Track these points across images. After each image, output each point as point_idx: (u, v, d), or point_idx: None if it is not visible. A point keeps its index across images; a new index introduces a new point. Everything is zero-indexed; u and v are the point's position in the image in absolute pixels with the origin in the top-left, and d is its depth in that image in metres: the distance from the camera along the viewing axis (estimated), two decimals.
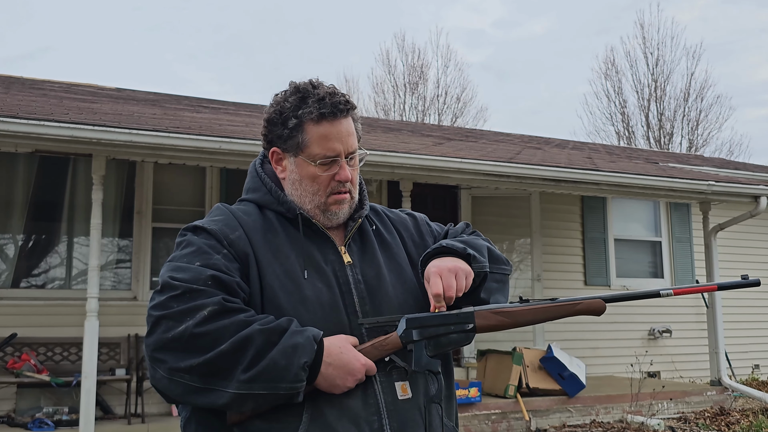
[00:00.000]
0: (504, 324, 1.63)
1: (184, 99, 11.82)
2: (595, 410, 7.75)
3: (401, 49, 29.94)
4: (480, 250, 1.73)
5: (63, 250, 7.86)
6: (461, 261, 1.66)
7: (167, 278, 1.52)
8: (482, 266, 1.70)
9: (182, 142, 6.25)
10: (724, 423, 7.72)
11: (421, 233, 1.88)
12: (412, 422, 1.58)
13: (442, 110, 28.61)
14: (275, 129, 1.72)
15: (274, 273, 1.60)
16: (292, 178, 1.72)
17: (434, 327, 1.59)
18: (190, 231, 1.65)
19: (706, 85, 27.24)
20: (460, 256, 1.67)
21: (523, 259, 10.12)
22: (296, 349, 1.46)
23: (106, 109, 7.98)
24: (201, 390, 1.45)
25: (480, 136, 13.28)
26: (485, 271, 1.71)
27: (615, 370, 9.74)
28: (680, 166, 11.67)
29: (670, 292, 1.65)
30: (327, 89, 1.70)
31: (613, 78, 28.15)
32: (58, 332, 7.26)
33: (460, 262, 1.65)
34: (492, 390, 7.58)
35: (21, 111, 6.31)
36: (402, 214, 1.93)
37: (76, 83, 11.39)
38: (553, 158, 9.27)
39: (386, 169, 7.15)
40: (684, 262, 11.04)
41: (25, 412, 6.92)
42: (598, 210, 10.54)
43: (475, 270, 1.68)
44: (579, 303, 1.66)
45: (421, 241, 1.86)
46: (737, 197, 9.03)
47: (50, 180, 7.79)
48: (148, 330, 1.48)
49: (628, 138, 27.61)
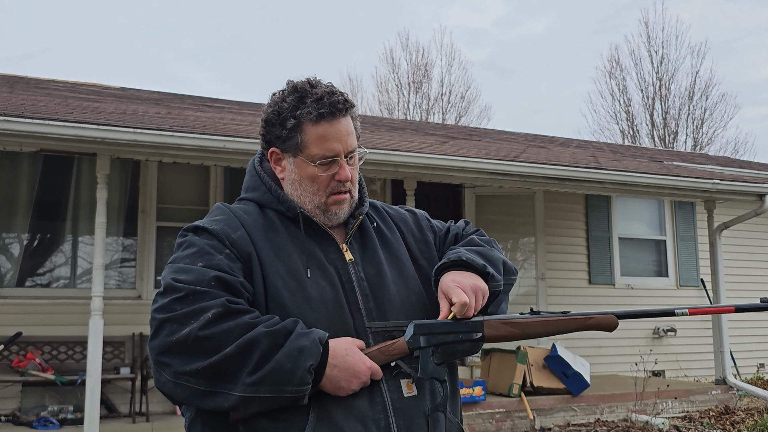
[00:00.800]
0: (513, 335, 1.60)
1: (188, 98, 11.84)
2: (600, 409, 7.74)
3: (405, 47, 29.94)
4: (497, 266, 1.72)
5: (67, 249, 7.87)
6: (480, 279, 1.64)
7: (170, 280, 1.51)
8: (497, 286, 1.69)
9: (186, 141, 6.25)
10: (729, 422, 7.70)
11: (422, 228, 1.87)
12: (418, 420, 1.58)
13: (446, 109, 28.60)
14: (273, 129, 1.70)
15: (277, 272, 1.59)
16: (291, 179, 1.71)
17: (442, 334, 1.57)
18: (191, 231, 1.64)
19: (711, 84, 27.17)
20: (478, 272, 1.65)
21: (527, 257, 10.11)
22: (302, 351, 1.46)
23: (110, 108, 7.99)
24: (207, 393, 1.44)
25: (484, 135, 13.27)
26: (500, 289, 1.70)
27: (619, 369, 9.72)
28: (685, 165, 11.64)
29: (685, 311, 1.60)
30: (325, 88, 1.68)
31: (617, 76, 28.12)
32: (63, 331, 7.28)
33: (479, 280, 1.63)
34: (496, 389, 7.57)
35: (26, 110, 6.32)
36: (402, 210, 1.92)
37: (80, 83, 11.41)
38: (557, 157, 9.26)
39: (390, 168, 7.14)
40: (688, 260, 11.01)
41: (29, 410, 6.94)
42: (602, 209, 10.52)
43: (492, 289, 1.67)
44: (591, 318, 1.63)
45: (422, 236, 1.85)
46: (742, 196, 9.01)
47: (55, 179, 7.80)
48: (152, 333, 1.47)
49: (633, 137, 27.56)
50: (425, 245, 1.83)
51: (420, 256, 1.80)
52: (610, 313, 1.63)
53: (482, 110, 32.03)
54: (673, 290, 10.86)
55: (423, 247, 1.82)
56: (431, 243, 1.84)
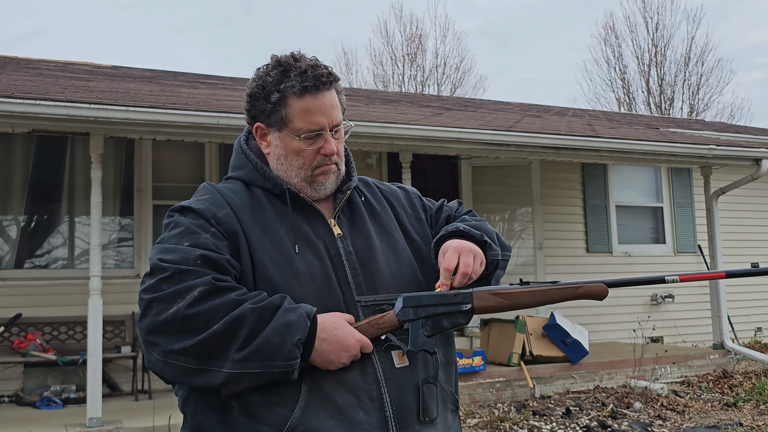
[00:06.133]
0: (502, 305, 1.61)
1: (181, 75, 11.75)
2: (599, 376, 7.80)
3: (399, 19, 29.76)
4: (492, 237, 1.73)
5: (65, 230, 7.87)
6: (477, 247, 1.65)
7: (156, 260, 1.51)
8: (496, 254, 1.70)
9: (180, 119, 6.22)
10: (727, 386, 7.77)
11: (414, 205, 1.87)
12: (410, 390, 1.58)
13: (441, 81, 28.46)
14: (258, 104, 1.70)
15: (264, 248, 1.59)
16: (277, 153, 1.70)
17: (432, 306, 1.58)
18: (177, 212, 1.65)
19: (707, 49, 27.11)
20: (476, 241, 1.67)
21: (524, 228, 10.13)
22: (289, 326, 1.46)
23: (102, 87, 7.93)
24: (196, 371, 1.45)
25: (479, 106, 13.21)
26: (497, 259, 1.71)
27: (618, 336, 9.79)
28: (681, 131, 11.61)
29: (676, 278, 1.61)
30: (309, 62, 1.67)
31: (612, 44, 27.99)
32: (63, 311, 7.31)
33: (477, 247, 1.65)
34: (496, 358, 7.62)
35: (17, 91, 6.27)
36: (393, 186, 1.92)
37: (71, 62, 11.32)
38: (553, 126, 9.23)
39: (385, 141, 7.12)
40: (685, 227, 11.04)
41: (32, 391, 6.99)
42: (598, 177, 10.51)
43: (489, 258, 1.68)
44: (580, 286, 1.63)
45: (414, 213, 1.85)
46: (738, 161, 9.00)
47: (49, 160, 7.78)
48: (141, 313, 1.48)
49: (629, 104, 27.48)
50: (417, 221, 1.83)
51: (412, 230, 1.80)
52: (599, 281, 1.63)
53: (477, 81, 31.96)
54: (671, 257, 10.90)
55: (415, 222, 1.82)
56: (423, 220, 1.85)
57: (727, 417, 6.52)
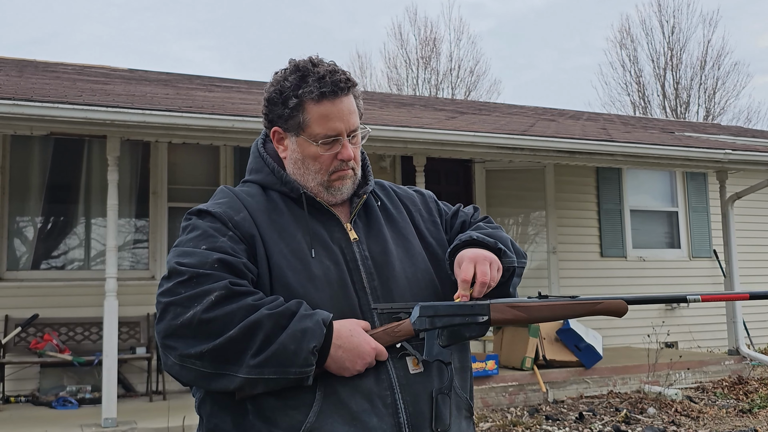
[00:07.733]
0: (520, 318, 1.60)
1: (196, 78, 11.83)
2: (612, 381, 7.77)
3: (413, 22, 29.73)
4: (506, 244, 1.72)
5: (81, 232, 7.94)
6: (492, 254, 1.65)
7: (174, 264, 1.52)
8: (511, 261, 1.69)
9: (195, 122, 6.26)
10: (742, 392, 7.72)
11: (430, 209, 1.87)
12: (424, 396, 1.58)
13: (455, 84, 28.43)
14: (276, 109, 1.70)
15: (281, 252, 1.59)
16: (294, 158, 1.71)
17: (448, 317, 1.58)
18: (195, 215, 1.65)
19: (723, 53, 26.93)
20: (491, 249, 1.66)
21: (538, 232, 10.10)
22: (305, 333, 1.46)
23: (119, 90, 8.00)
24: (212, 375, 1.46)
25: (493, 109, 13.20)
26: (514, 266, 1.70)
27: (632, 341, 9.74)
28: (696, 135, 11.55)
29: (698, 298, 1.58)
30: (327, 67, 1.67)
31: (628, 47, 27.88)
32: (79, 312, 7.37)
33: (492, 254, 1.64)
34: (509, 362, 7.61)
35: (35, 94, 6.34)
36: (410, 190, 1.92)
37: (88, 65, 11.42)
38: (568, 130, 9.21)
39: (399, 145, 7.13)
40: (701, 231, 10.97)
41: (48, 391, 7.05)
42: (613, 181, 10.47)
43: (505, 265, 1.67)
44: (599, 303, 1.60)
45: (430, 217, 1.85)
46: (755, 165, 8.94)
47: (66, 162, 7.85)
48: (158, 317, 1.49)
49: (644, 108, 27.35)
50: (433, 225, 1.83)
51: (428, 235, 1.80)
52: (619, 297, 1.60)
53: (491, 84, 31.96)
54: (686, 262, 10.83)
55: (431, 227, 1.82)
56: (439, 224, 1.84)
57: (742, 423, 6.48)
